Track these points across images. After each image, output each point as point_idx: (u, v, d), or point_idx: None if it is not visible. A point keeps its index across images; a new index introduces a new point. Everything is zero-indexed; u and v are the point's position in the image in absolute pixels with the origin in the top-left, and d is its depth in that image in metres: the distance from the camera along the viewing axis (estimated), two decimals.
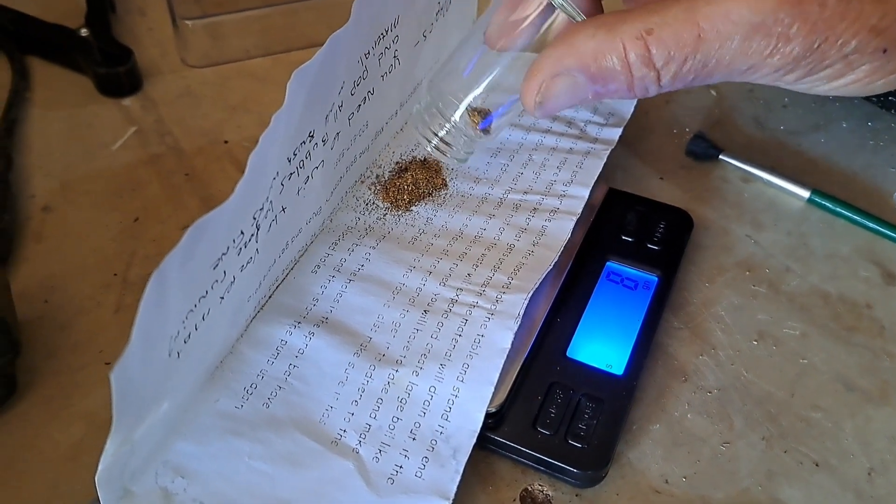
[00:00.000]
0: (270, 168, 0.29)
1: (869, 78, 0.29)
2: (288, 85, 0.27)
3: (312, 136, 0.31)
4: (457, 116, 0.35)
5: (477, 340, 0.32)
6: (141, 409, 0.25)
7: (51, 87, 0.49)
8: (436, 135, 0.36)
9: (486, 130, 0.36)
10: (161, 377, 0.26)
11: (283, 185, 0.30)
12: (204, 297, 0.27)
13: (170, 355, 0.26)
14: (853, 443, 0.32)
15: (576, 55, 0.29)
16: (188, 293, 0.26)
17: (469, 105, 0.35)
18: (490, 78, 0.34)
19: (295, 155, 0.30)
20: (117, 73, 0.47)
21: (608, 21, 0.29)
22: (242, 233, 0.28)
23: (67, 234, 0.40)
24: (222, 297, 0.28)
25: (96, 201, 0.42)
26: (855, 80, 0.29)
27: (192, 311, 0.26)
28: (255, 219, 0.29)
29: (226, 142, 0.45)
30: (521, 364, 0.32)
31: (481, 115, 0.35)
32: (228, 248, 0.27)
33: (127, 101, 0.48)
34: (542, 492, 0.31)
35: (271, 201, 0.30)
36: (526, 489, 0.31)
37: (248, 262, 0.29)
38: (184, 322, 0.26)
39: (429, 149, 0.36)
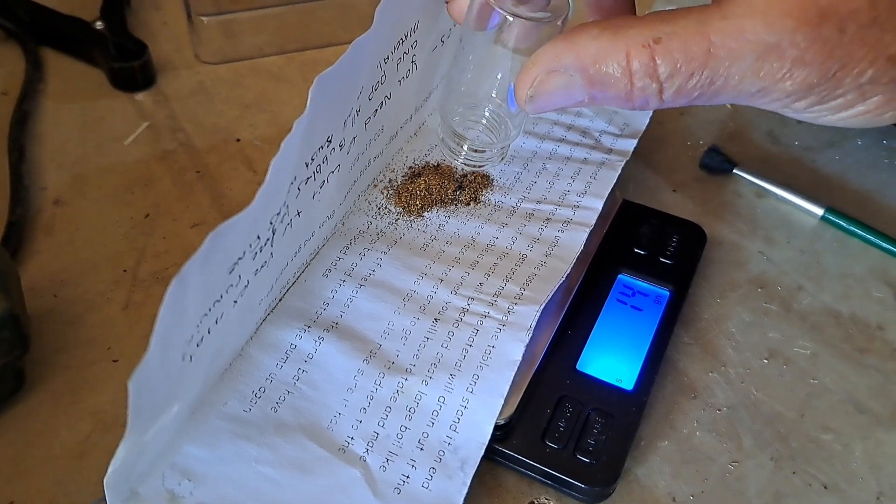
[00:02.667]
0: (289, 173, 0.28)
1: (880, 109, 0.28)
2: (310, 90, 0.27)
3: (330, 141, 0.31)
4: (472, 127, 0.35)
5: (488, 351, 0.32)
6: (153, 413, 0.25)
7: (64, 79, 0.48)
8: (458, 154, 0.36)
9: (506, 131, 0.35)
10: (174, 381, 0.26)
11: (299, 189, 0.30)
12: (219, 300, 0.27)
13: (183, 359, 0.26)
14: (863, 466, 0.32)
15: (576, 54, 0.28)
16: (204, 297, 0.26)
17: (481, 111, 0.35)
18: (494, 81, 0.34)
19: (313, 160, 0.30)
20: (131, 68, 0.47)
21: (615, 24, 0.27)
22: (259, 237, 0.28)
23: (78, 228, 0.40)
24: (236, 301, 0.28)
25: (108, 196, 0.42)
26: (864, 111, 0.28)
27: (206, 314, 0.26)
28: (271, 223, 0.28)
29: (238, 140, 0.45)
30: (530, 376, 0.32)
31: (495, 120, 0.35)
32: (245, 252, 0.27)
33: (140, 96, 0.48)
34: None
35: (287, 205, 0.29)
36: (532, 502, 0.31)
37: (262, 267, 0.29)
38: (198, 326, 0.26)
39: (459, 165, 0.36)
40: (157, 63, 0.49)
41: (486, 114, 0.35)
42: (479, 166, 0.37)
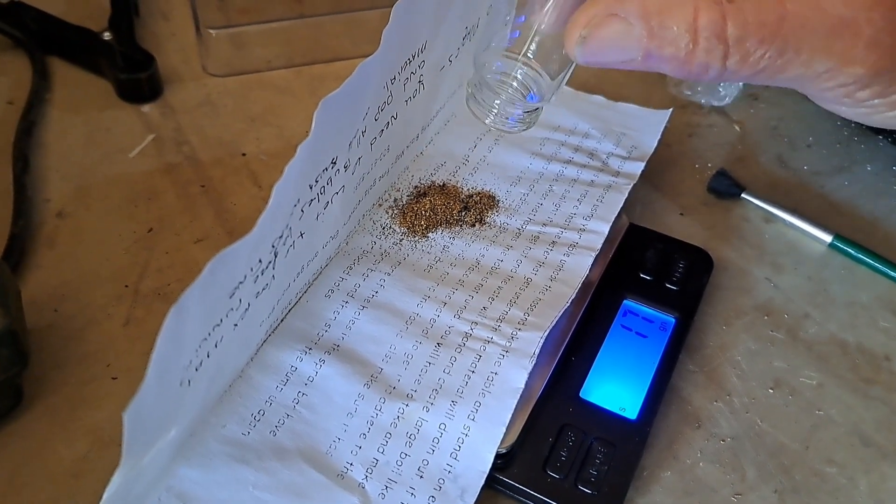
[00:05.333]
0: (292, 196, 0.28)
1: None
2: (315, 114, 0.27)
3: (335, 163, 0.31)
4: (506, 85, 0.33)
5: (490, 378, 0.32)
6: (150, 439, 0.25)
7: (71, 89, 0.48)
8: (489, 112, 0.34)
9: (540, 98, 0.33)
10: (172, 406, 0.25)
11: (302, 211, 0.30)
12: (218, 325, 0.26)
13: (181, 384, 0.25)
14: (867, 500, 0.32)
15: (640, 1, 0.25)
16: (204, 322, 0.25)
17: (518, 68, 0.33)
18: (532, 34, 0.31)
19: (317, 181, 0.30)
20: (138, 79, 0.47)
21: None
22: (260, 261, 0.28)
23: (81, 241, 0.40)
24: (236, 324, 0.28)
25: (111, 209, 0.42)
26: None
27: (205, 339, 0.26)
28: (273, 246, 0.28)
29: (244, 154, 0.45)
30: (533, 403, 0.32)
31: (531, 76, 0.33)
32: (246, 276, 0.27)
33: (146, 108, 0.47)
34: None
35: (290, 227, 0.29)
36: None
37: (263, 289, 0.29)
38: (197, 351, 0.26)
39: (488, 123, 0.33)
40: (164, 75, 0.49)
41: (519, 76, 0.33)
42: (508, 128, 0.35)
